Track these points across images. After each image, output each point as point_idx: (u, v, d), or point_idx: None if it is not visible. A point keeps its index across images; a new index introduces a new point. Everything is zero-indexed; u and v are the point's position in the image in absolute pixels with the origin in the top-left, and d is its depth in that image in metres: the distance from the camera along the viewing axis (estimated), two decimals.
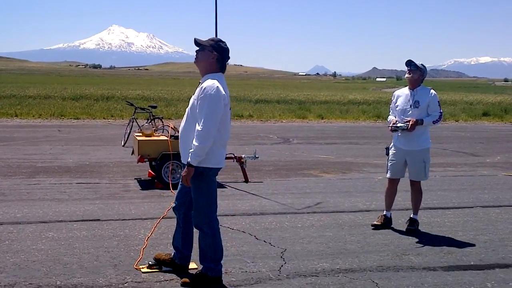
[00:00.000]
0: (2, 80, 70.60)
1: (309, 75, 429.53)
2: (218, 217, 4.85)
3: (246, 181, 10.14)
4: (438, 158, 13.70)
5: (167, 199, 8.33)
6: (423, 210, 7.56)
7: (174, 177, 9.45)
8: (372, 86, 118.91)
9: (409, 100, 6.63)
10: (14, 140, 15.42)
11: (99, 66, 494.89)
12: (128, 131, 15.08)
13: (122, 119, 23.67)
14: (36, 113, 24.53)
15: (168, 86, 64.48)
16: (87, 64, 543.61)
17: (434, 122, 6.58)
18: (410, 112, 6.56)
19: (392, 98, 7.00)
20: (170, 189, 8.84)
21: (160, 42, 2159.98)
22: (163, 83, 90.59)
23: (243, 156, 10.30)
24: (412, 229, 6.75)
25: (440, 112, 6.63)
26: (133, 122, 15.37)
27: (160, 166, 9.39)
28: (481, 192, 9.57)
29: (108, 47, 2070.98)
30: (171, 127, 10.07)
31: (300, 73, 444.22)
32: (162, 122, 16.53)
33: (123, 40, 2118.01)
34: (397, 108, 6.76)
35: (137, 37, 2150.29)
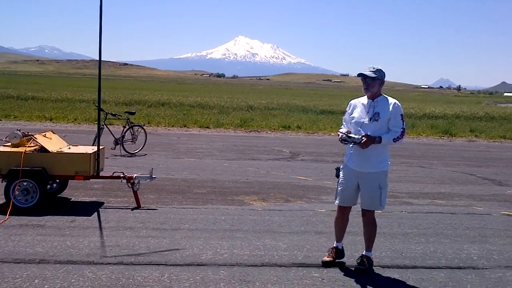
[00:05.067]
0: (116, 85, 73.12)
1: (432, 88, 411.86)
2: None
3: (138, 206, 8.06)
4: (442, 186, 10.91)
5: None
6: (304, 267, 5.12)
7: (26, 199, 7.57)
8: (497, 100, 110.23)
9: (367, 112, 5.47)
10: None
11: (223, 75, 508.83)
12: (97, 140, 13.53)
13: (182, 126, 22.25)
14: (71, 117, 23.87)
15: (258, 95, 63.15)
16: (211, 73, 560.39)
17: (394, 140, 5.36)
18: (368, 125, 5.40)
19: (347, 109, 5.73)
20: (7, 214, 7.01)
21: (283, 53, 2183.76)
22: (262, 91, 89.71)
23: (134, 176, 8.22)
24: (363, 268, 5.53)
25: (403, 128, 5.41)
26: (103, 129, 13.79)
27: (8, 185, 7.53)
28: (414, 239, 6.76)
29: (234, 57, 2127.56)
30: (43, 136, 8.14)
31: (422, 86, 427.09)
32: (144, 130, 14.87)
33: (248, 51, 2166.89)
34: (352, 121, 5.57)
35: (261, 47, 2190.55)
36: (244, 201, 8.90)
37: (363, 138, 5.28)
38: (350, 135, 5.34)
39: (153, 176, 8.33)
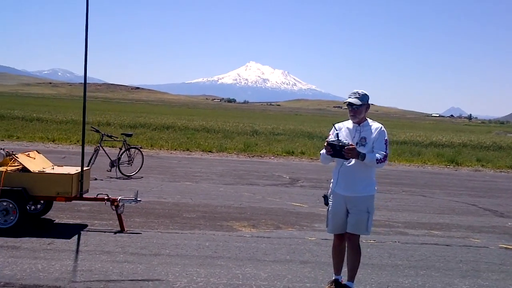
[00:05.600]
0: (116, 108, 73.37)
1: (443, 116, 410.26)
2: None
3: (122, 230, 7.83)
4: (440, 216, 10.58)
5: None
6: None
7: (6, 220, 7.37)
8: (507, 130, 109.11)
9: (353, 137, 5.35)
10: None
11: (234, 100, 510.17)
12: (93, 161, 13.39)
13: (173, 149, 22.09)
14: (74, 139, 23.79)
15: (265, 120, 63.01)
16: (222, 98, 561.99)
17: (378, 161, 5.17)
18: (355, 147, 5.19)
19: (331, 133, 5.48)
20: None
21: (294, 79, 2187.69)
22: (271, 116, 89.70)
23: (118, 198, 8.00)
24: None
25: (386, 153, 5.25)
26: (98, 151, 13.66)
27: None
28: (403, 271, 6.45)
29: (245, 82, 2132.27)
30: (27, 156, 7.96)
31: (433, 114, 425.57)
32: (141, 152, 14.70)
33: (259, 76, 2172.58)
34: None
35: (272, 73, 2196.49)
36: (233, 227, 8.65)
37: (351, 144, 5.13)
38: (340, 138, 5.22)
39: (138, 199, 8.11)
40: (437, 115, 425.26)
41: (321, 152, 5.44)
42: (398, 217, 10.31)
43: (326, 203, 5.60)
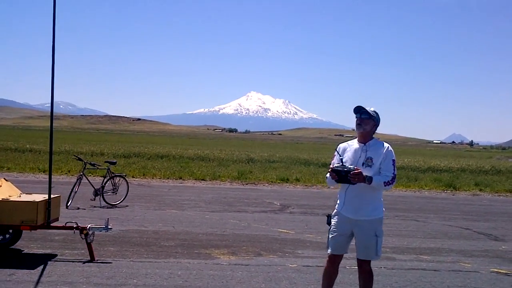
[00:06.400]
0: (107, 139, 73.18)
1: (444, 143, 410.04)
2: None
3: (92, 259, 7.44)
4: (431, 241, 10.20)
5: None
6: None
7: None
8: (509, 155, 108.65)
9: (360, 157, 5.15)
10: None
11: (235, 130, 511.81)
12: (76, 190, 13.02)
13: (154, 177, 21.74)
14: (65, 169, 23.46)
15: (265, 148, 62.75)
16: (224, 128, 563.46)
17: (385, 184, 5.01)
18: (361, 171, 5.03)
19: (335, 153, 5.31)
20: None
21: (295, 108, 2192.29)
22: (272, 145, 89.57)
23: (88, 226, 7.62)
24: None
25: (394, 174, 5.09)
26: (81, 179, 13.30)
27: None
28: None
29: (246, 112, 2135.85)
30: None
31: (434, 141, 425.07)
32: (126, 180, 14.35)
33: (260, 106, 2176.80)
34: None
35: (273, 103, 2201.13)
36: (211, 254, 8.26)
37: (356, 168, 4.95)
38: (345, 163, 5.03)
39: (109, 226, 7.74)
40: (439, 141, 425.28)
41: (327, 175, 5.21)
42: (387, 242, 9.85)
43: (329, 223, 5.34)
